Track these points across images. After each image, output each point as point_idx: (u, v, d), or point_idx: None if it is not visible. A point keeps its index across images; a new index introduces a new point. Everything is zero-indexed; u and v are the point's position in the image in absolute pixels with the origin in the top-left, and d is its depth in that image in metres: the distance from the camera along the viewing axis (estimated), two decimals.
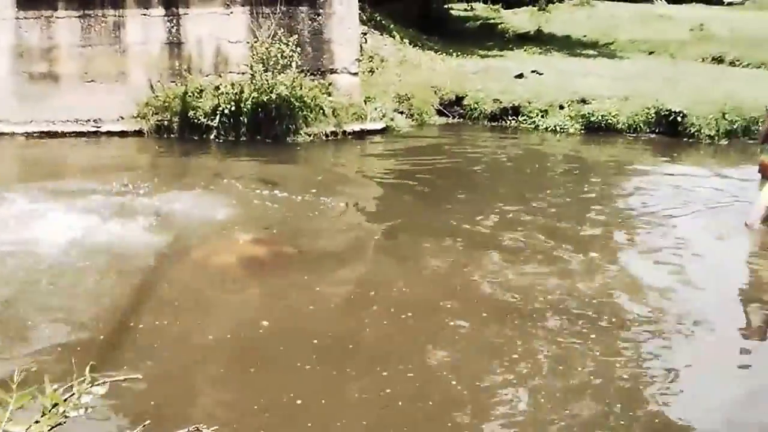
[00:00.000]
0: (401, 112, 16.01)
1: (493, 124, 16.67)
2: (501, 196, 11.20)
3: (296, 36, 14.65)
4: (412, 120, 16.10)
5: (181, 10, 14.94)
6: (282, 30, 14.67)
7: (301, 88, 14.22)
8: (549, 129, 16.10)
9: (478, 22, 33.16)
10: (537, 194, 11.09)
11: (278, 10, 14.95)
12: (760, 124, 10.61)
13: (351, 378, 5.80)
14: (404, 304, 7.05)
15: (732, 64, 27.05)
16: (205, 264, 8.07)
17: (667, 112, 15.95)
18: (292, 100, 14.01)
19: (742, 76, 19.99)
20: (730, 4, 54.27)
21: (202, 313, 6.87)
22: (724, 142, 15.29)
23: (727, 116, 15.52)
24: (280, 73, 14.04)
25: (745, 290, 8.18)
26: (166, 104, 14.27)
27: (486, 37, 28.37)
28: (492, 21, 33.58)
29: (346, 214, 10.12)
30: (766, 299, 7.85)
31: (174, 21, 14.93)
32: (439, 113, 16.90)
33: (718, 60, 27.78)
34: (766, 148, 9.49)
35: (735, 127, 15.35)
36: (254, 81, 14.03)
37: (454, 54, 21.57)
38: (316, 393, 5.51)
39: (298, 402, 5.37)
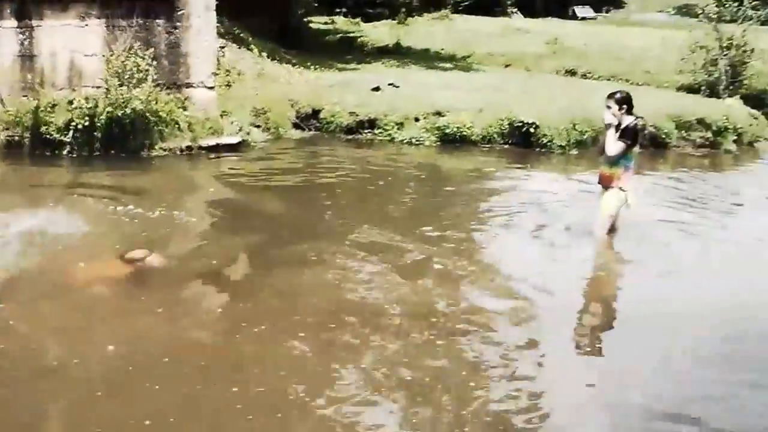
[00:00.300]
0: (258, 126, 15.98)
1: (349, 137, 16.78)
2: (358, 207, 11.37)
3: (153, 49, 14.47)
4: (269, 134, 16.08)
5: (35, 22, 14.56)
6: (138, 43, 14.50)
7: (156, 103, 14.05)
8: (405, 141, 16.32)
9: (338, 36, 33.37)
10: (393, 206, 11.32)
11: (134, 23, 14.75)
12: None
13: (202, 395, 5.81)
14: (258, 318, 7.13)
15: (584, 76, 27.96)
16: (53, 284, 7.92)
17: (520, 124, 16.43)
18: (148, 114, 13.84)
19: (594, 87, 20.62)
20: (584, 18, 55.88)
21: (48, 337, 6.76)
22: (574, 152, 15.85)
23: (577, 127, 16.09)
24: (135, 87, 13.85)
25: (586, 300, 8.54)
26: (17, 119, 13.86)
27: (345, 51, 28.61)
28: (352, 34, 33.83)
29: (201, 230, 10.12)
30: (600, 310, 8.25)
31: (27, 33, 14.55)
32: (296, 127, 16.92)
33: (572, 72, 28.68)
34: (603, 159, 9.88)
35: (585, 137, 15.91)
36: (109, 95, 13.81)
37: (312, 67, 21.66)
38: (165, 412, 5.53)
39: (147, 423, 5.36)
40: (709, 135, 18.09)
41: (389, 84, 18.95)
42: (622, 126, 9.54)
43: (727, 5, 26.31)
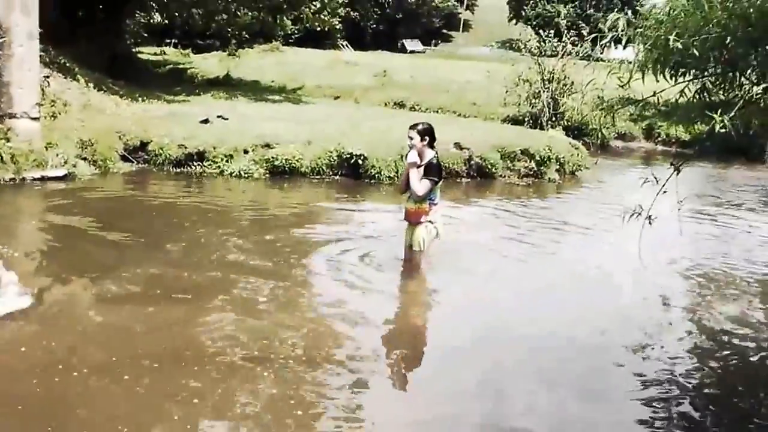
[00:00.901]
0: (84, 158, 15.64)
1: (178, 170, 16.62)
2: (187, 241, 11.21)
3: None
4: (96, 167, 15.75)
5: None
6: None
7: None
8: (234, 174, 16.32)
9: (168, 67, 33.16)
10: (224, 239, 11.24)
11: None
12: None
13: None
14: (75, 359, 6.96)
15: (412, 108, 28.64)
16: None
17: (348, 155, 16.69)
18: None
19: (422, 120, 21.07)
20: (413, 52, 57.15)
21: None
22: None
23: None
24: None
25: (408, 334, 8.67)
26: None
27: (175, 82, 28.49)
28: (182, 66, 33.68)
29: (23, 267, 9.81)
30: (420, 343, 8.43)
31: None
32: (124, 159, 16.64)
33: (400, 104, 29.35)
34: (407, 196, 9.82)
35: None
36: None
37: (140, 99, 21.49)
38: None
39: None
40: (533, 165, 18.79)
41: (218, 116, 18.98)
42: (425, 162, 9.51)
43: (547, 41, 27.43)
